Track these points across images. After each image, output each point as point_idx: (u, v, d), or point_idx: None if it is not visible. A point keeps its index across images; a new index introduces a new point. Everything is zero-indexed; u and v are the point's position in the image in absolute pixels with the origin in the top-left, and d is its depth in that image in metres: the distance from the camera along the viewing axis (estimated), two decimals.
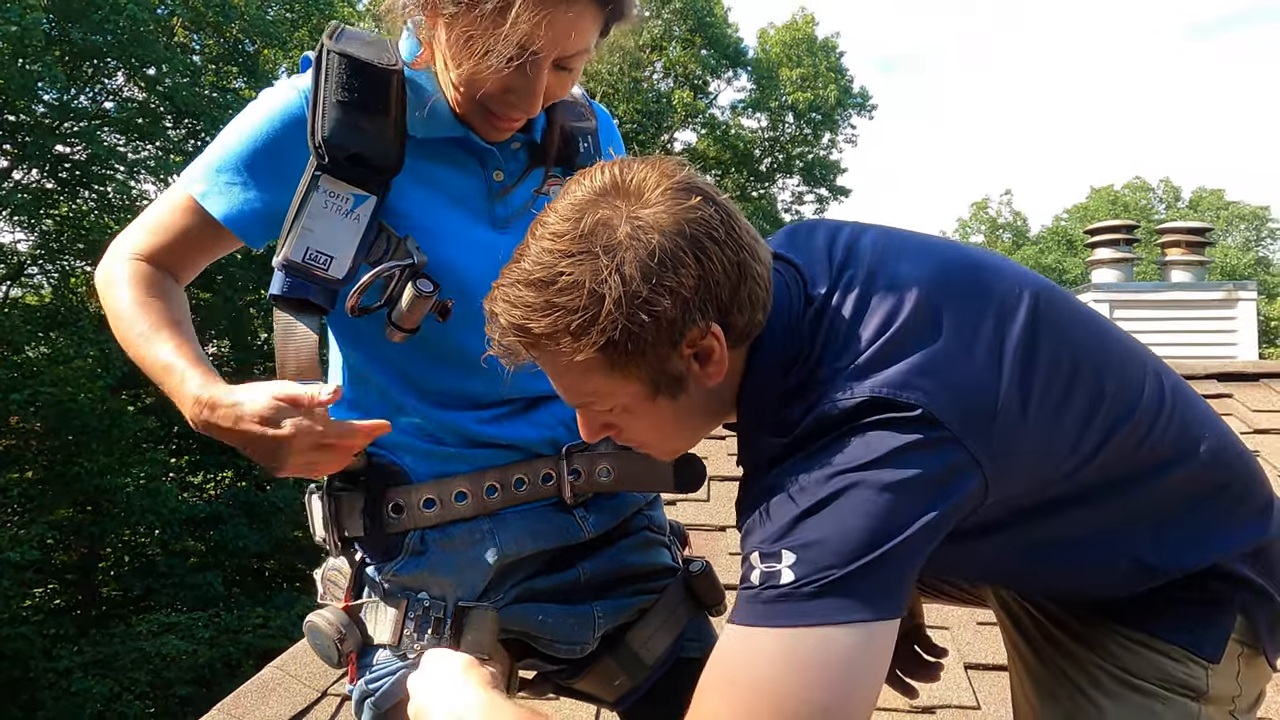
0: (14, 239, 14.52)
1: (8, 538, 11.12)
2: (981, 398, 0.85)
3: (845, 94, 25.42)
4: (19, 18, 10.80)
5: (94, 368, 12.64)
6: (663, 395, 0.89)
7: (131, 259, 1.10)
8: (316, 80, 1.03)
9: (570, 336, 0.83)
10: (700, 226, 0.83)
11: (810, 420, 0.84)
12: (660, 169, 0.87)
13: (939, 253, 0.97)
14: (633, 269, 0.81)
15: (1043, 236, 36.61)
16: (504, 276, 0.88)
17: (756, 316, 0.88)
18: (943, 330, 0.87)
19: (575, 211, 0.84)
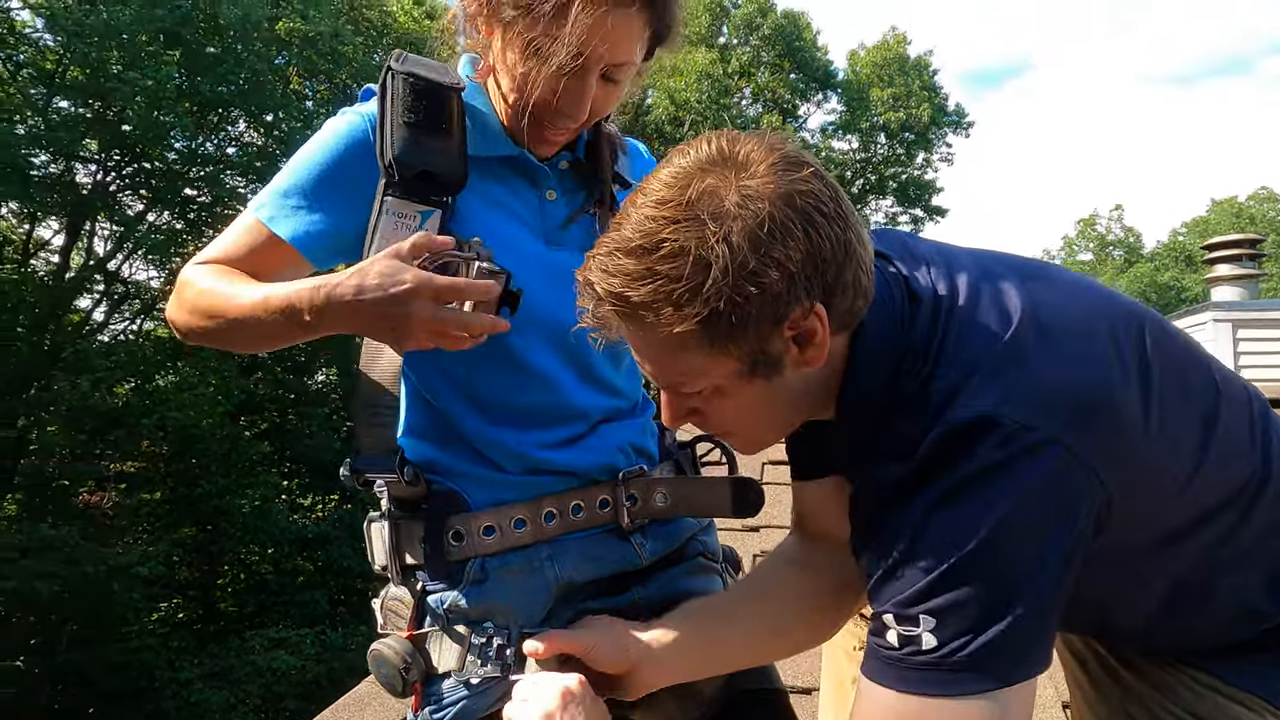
0: (148, 276, 15.72)
1: (138, 554, 11.90)
2: (1103, 407, 0.81)
3: (939, 112, 24.84)
4: (155, 73, 11.77)
5: (215, 395, 13.49)
6: (759, 376, 0.85)
7: (198, 263, 1.13)
8: (383, 103, 1.08)
9: (671, 306, 0.79)
10: (809, 200, 0.80)
11: (931, 445, 0.81)
12: (768, 141, 0.83)
13: (1038, 269, 0.95)
14: (740, 238, 0.77)
15: (1158, 253, 34.61)
16: (600, 245, 0.84)
17: (859, 302, 0.85)
18: (1059, 343, 0.83)
19: (680, 179, 0.81)
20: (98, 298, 14.89)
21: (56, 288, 13.25)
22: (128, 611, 11.65)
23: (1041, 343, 0.83)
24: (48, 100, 12.91)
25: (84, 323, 14.43)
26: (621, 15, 1.01)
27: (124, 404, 12.89)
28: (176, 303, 1.12)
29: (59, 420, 12.70)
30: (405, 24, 17.26)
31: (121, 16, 11.58)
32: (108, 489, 13.62)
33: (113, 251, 14.61)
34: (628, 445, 1.20)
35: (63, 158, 13.02)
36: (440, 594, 1.10)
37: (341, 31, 14.49)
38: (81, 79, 12.27)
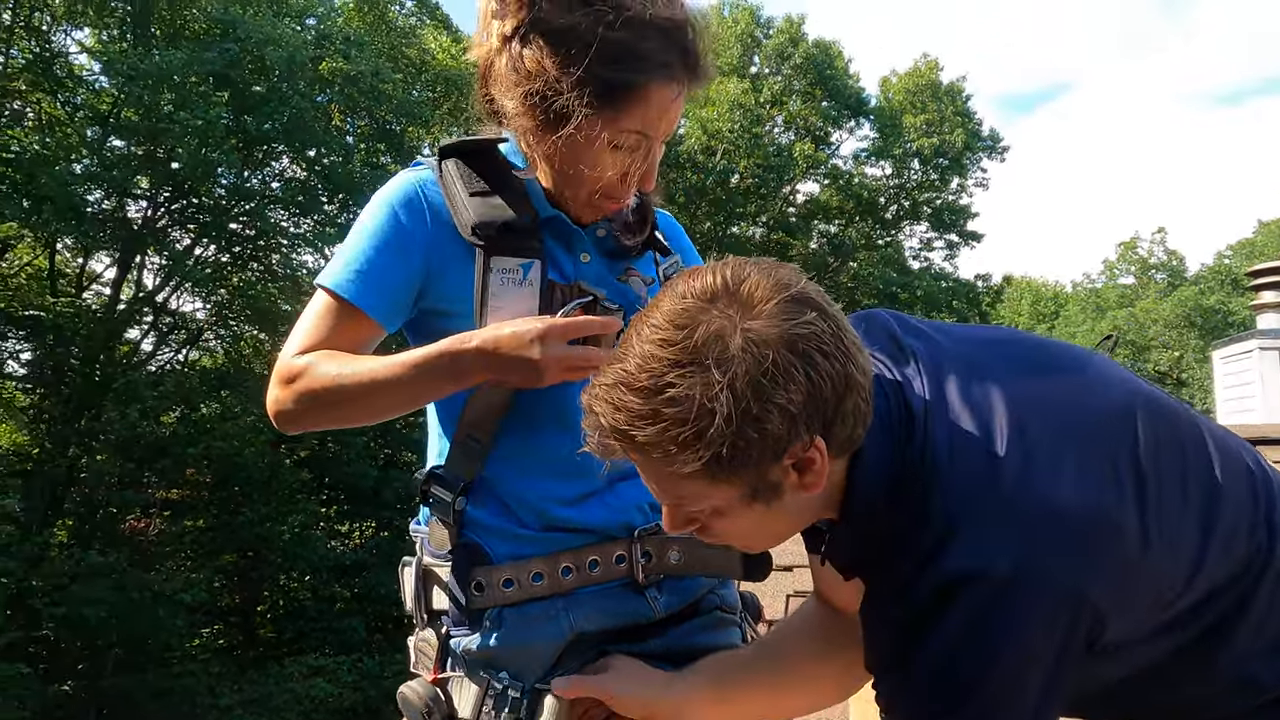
0: (194, 308, 16.19)
1: (182, 580, 12.13)
2: (1098, 535, 0.83)
3: (973, 137, 24.71)
4: (205, 114, 12.21)
5: (256, 423, 13.77)
6: (759, 502, 0.88)
7: (298, 355, 1.15)
8: (446, 186, 1.17)
9: (676, 447, 0.82)
10: (811, 342, 0.81)
11: (924, 591, 0.85)
12: (774, 279, 0.85)
13: (1028, 357, 0.97)
14: (744, 385, 0.79)
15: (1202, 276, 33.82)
16: (606, 374, 0.87)
17: (858, 430, 0.87)
18: (1047, 468, 0.85)
19: (686, 318, 0.83)
20: (146, 329, 15.35)
21: (108, 319, 13.70)
22: (171, 638, 11.86)
23: (1030, 473, 0.85)
24: (102, 140, 13.45)
25: (133, 353, 14.87)
26: (680, 94, 1.11)
27: (170, 433, 13.22)
28: (287, 393, 1.13)
29: (108, 449, 13.05)
30: (443, 60, 17.70)
31: (174, 60, 12.07)
32: (153, 516, 13.93)
33: (161, 284, 15.09)
34: (645, 503, 1.23)
35: (115, 194, 13.52)
36: (460, 639, 1.16)
37: (382, 70, 14.92)
38: (135, 119, 12.78)
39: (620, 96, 1.07)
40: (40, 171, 11.68)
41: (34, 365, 13.64)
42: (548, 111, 1.09)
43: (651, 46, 1.08)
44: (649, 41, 1.08)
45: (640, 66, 1.07)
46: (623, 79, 1.07)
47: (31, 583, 11.29)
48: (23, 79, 12.67)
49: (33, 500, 12.43)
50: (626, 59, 1.07)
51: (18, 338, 13.52)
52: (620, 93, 1.07)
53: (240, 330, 16.38)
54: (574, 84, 1.06)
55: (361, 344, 1.17)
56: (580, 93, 1.06)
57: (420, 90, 17.18)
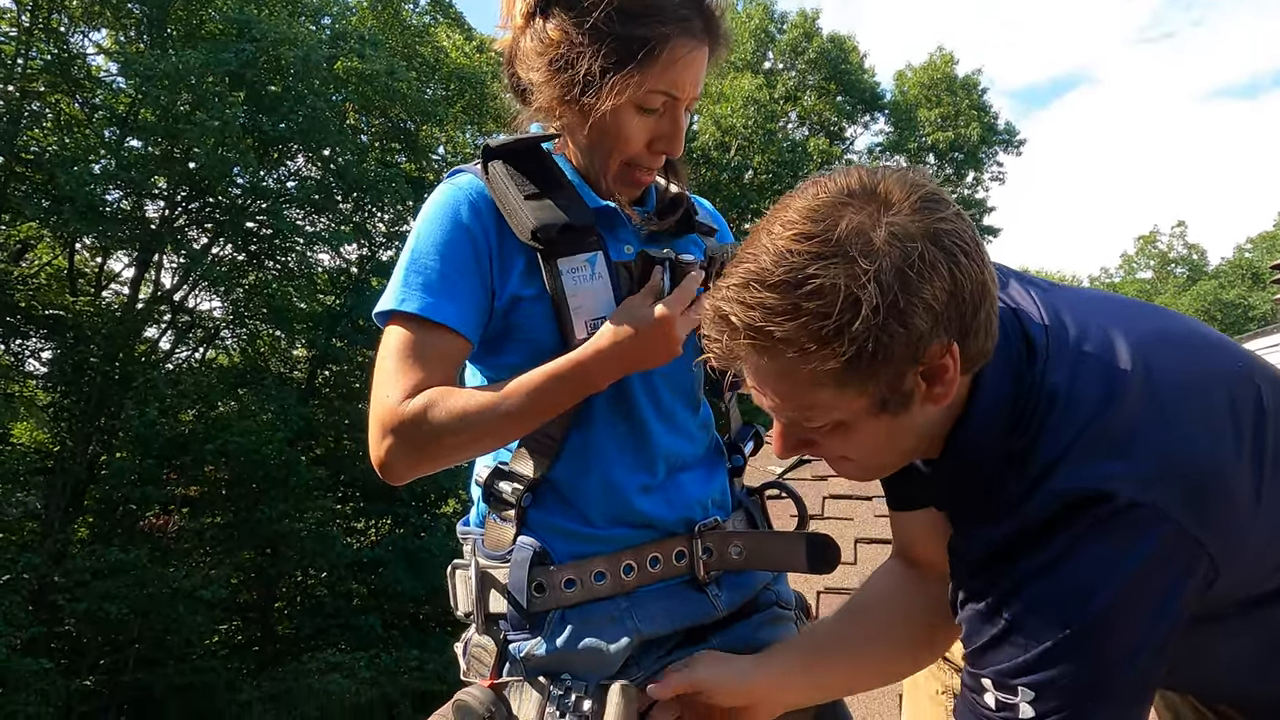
0: (211, 306, 16.30)
1: (201, 577, 12.22)
2: (1215, 484, 0.80)
3: (989, 131, 24.52)
4: (221, 114, 12.28)
5: (274, 421, 13.85)
6: (886, 413, 0.84)
7: (407, 399, 1.07)
8: (494, 189, 1.15)
9: (816, 342, 0.77)
10: (954, 239, 0.79)
11: (1035, 509, 0.81)
12: (910, 178, 0.82)
13: (1155, 318, 0.93)
14: (891, 277, 0.75)
15: (1223, 270, 33.43)
16: (733, 274, 0.81)
17: (988, 344, 0.84)
18: (1171, 406, 0.82)
19: (824, 212, 0.78)
20: (164, 327, 15.47)
21: (126, 318, 13.80)
22: (191, 633, 11.95)
23: (1153, 409, 0.81)
24: (120, 140, 13.55)
25: (151, 351, 14.98)
26: (700, 48, 1.11)
27: (189, 431, 13.32)
28: (403, 443, 1.07)
29: (128, 447, 13.16)
30: (457, 59, 17.72)
31: (190, 60, 12.13)
32: (172, 513, 14.05)
33: (179, 283, 15.19)
34: (706, 498, 1.23)
35: (133, 194, 13.62)
36: (521, 643, 1.13)
37: (396, 68, 14.94)
38: (152, 120, 12.87)
39: (642, 53, 1.07)
40: (59, 172, 11.77)
41: (54, 364, 13.77)
42: (572, 77, 1.09)
43: (669, 2, 1.09)
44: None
45: (660, 20, 1.08)
46: (642, 35, 1.07)
47: (53, 579, 11.41)
48: (42, 80, 12.78)
49: (54, 497, 12.56)
50: (645, 15, 1.08)
51: (38, 336, 13.65)
52: (641, 49, 1.07)
53: (257, 329, 16.47)
54: (595, 45, 1.07)
55: (457, 365, 1.13)
56: (602, 52, 1.07)
57: (434, 88, 17.20)
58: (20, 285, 13.29)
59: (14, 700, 9.89)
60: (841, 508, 3.12)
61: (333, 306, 16.61)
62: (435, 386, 1.08)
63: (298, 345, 17.27)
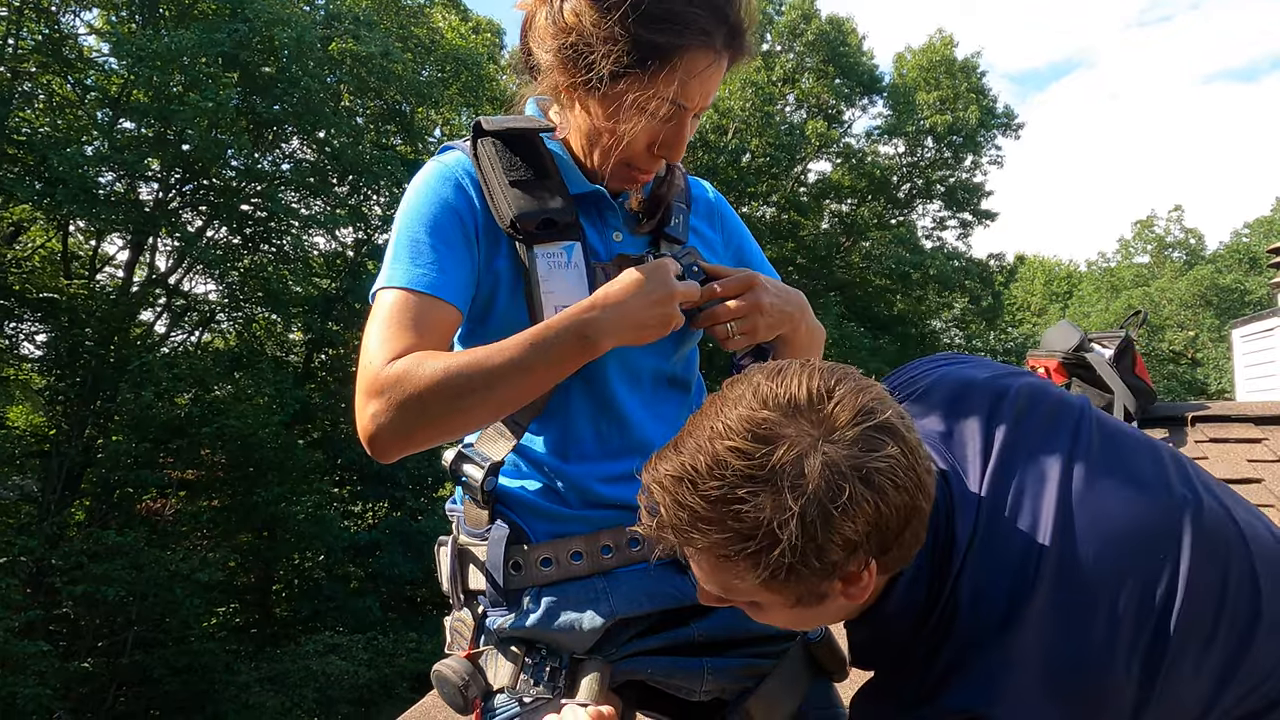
0: (206, 290, 16.24)
1: (198, 560, 12.26)
2: (1094, 699, 0.85)
3: (988, 114, 24.41)
4: (214, 95, 12.18)
5: (270, 405, 13.85)
6: (800, 606, 0.90)
7: (393, 362, 1.03)
8: (481, 170, 1.13)
9: (737, 556, 0.82)
10: (887, 476, 0.81)
11: (926, 715, 0.88)
12: (860, 402, 0.83)
13: (1101, 463, 0.95)
14: (814, 515, 0.79)
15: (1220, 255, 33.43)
16: (669, 461, 0.85)
17: (910, 552, 0.88)
18: (1068, 615, 0.86)
19: (766, 430, 0.81)
20: (159, 311, 15.42)
21: (121, 302, 13.75)
22: (189, 616, 12.00)
23: (1050, 629, 0.86)
24: (113, 122, 13.44)
25: (146, 335, 14.94)
26: (719, 62, 1.07)
27: (185, 414, 13.31)
28: (387, 405, 1.01)
29: (124, 430, 13.16)
30: (453, 40, 17.57)
31: (183, 41, 12.01)
32: (169, 496, 14.07)
33: (173, 266, 15.13)
34: None
35: (127, 176, 13.53)
36: (497, 619, 1.15)
37: (391, 50, 14.82)
38: (145, 101, 12.75)
39: (654, 60, 1.03)
40: (52, 154, 11.68)
41: (49, 347, 13.73)
42: (580, 67, 1.05)
43: (695, 12, 1.03)
44: (694, 7, 1.03)
45: (680, 31, 1.03)
46: (659, 42, 1.03)
47: (50, 561, 11.44)
48: (33, 60, 12.65)
49: (50, 481, 12.56)
50: (667, 21, 1.02)
51: (33, 319, 13.61)
52: (655, 56, 1.03)
53: (252, 312, 16.42)
54: (609, 41, 1.02)
55: (447, 336, 1.10)
56: (614, 51, 1.02)
57: (430, 70, 17.07)
58: (14, 268, 13.24)
59: (12, 682, 9.93)
60: None
61: (328, 290, 16.56)
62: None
63: (294, 329, 17.23)
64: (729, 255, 1.34)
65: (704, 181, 1.38)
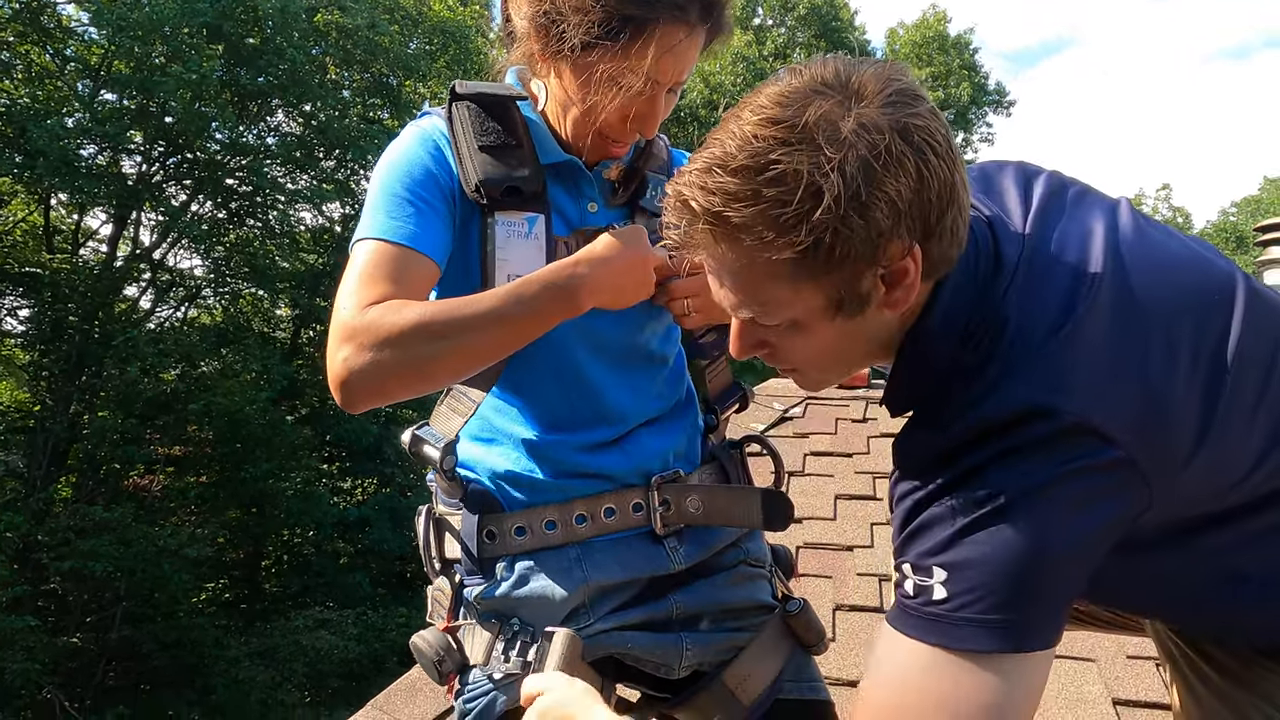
0: (191, 265, 16.07)
1: (186, 536, 12.24)
2: (1161, 414, 0.80)
3: (980, 91, 24.34)
4: (198, 67, 11.97)
5: (258, 381, 13.77)
6: (841, 314, 0.83)
7: (367, 308, 1.01)
8: (454, 133, 1.13)
9: (774, 230, 0.76)
10: (925, 135, 0.77)
11: (972, 422, 0.81)
12: (886, 72, 0.80)
13: (1149, 235, 0.90)
14: (855, 167, 0.73)
15: (1207, 233, 33.63)
16: (696, 160, 0.80)
17: (953, 250, 0.82)
18: (1127, 333, 0.81)
19: (794, 99, 0.77)
20: (144, 286, 15.26)
21: (105, 276, 13.60)
22: (178, 591, 12.00)
23: (1109, 335, 0.81)
24: (94, 93, 13.21)
25: (131, 310, 14.80)
26: (692, 36, 1.05)
27: (171, 390, 13.23)
28: (358, 351, 0.98)
29: (110, 406, 13.07)
30: (440, 11, 17.31)
31: (164, 10, 11.78)
32: (157, 472, 14.01)
33: (158, 241, 14.95)
34: (668, 450, 1.22)
35: (109, 149, 13.33)
36: (473, 588, 1.15)
37: (378, 22, 14.59)
38: (126, 72, 12.53)
39: (626, 31, 1.02)
40: (31, 125, 11.46)
41: (32, 322, 13.58)
42: (552, 35, 1.04)
43: None
44: None
45: (653, 3, 1.02)
46: (632, 13, 1.01)
47: (37, 537, 11.39)
48: (10, 30, 12.39)
49: (36, 456, 12.48)
50: None
51: (15, 295, 13.44)
52: (626, 27, 1.02)
53: (239, 288, 16.27)
54: (581, 11, 1.01)
55: (425, 290, 1.07)
56: (586, 20, 1.01)
57: (417, 43, 16.83)
58: None
59: (1, 658, 9.93)
60: (822, 464, 3.14)
61: (315, 265, 16.42)
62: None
63: (281, 304, 17.10)
64: None
65: (688, 154, 1.37)
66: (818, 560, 2.60)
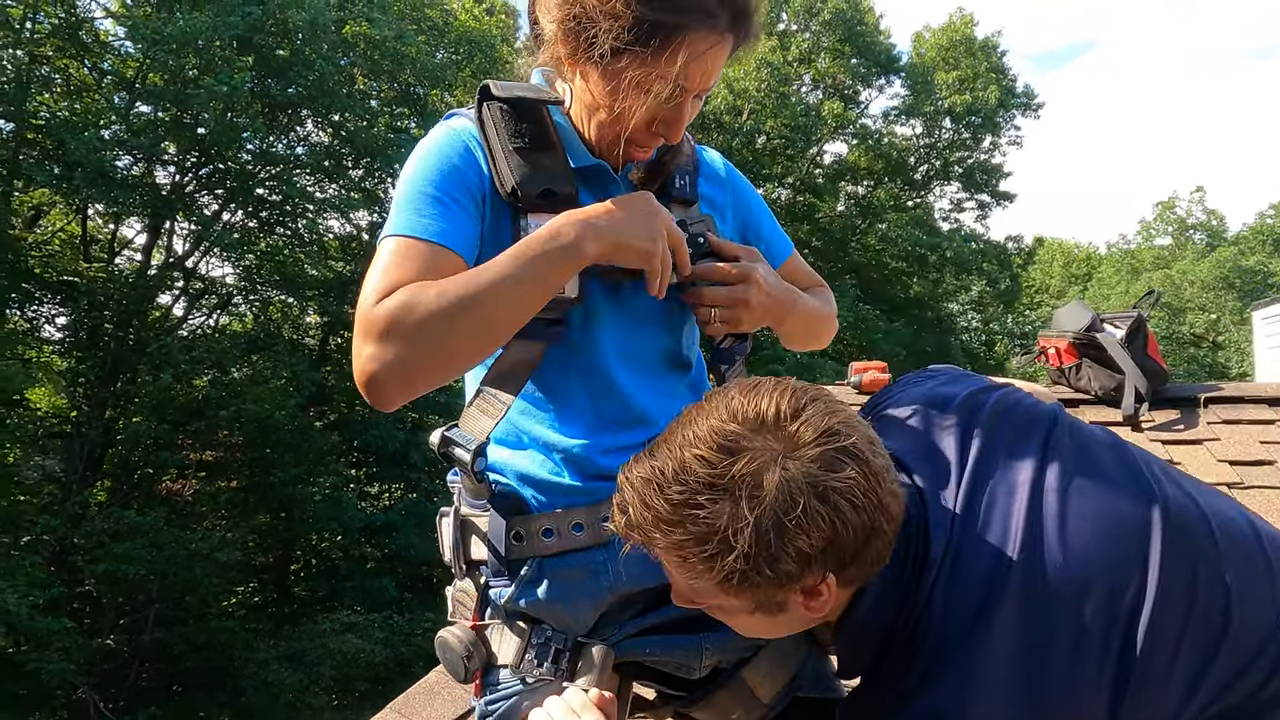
0: (223, 273, 16.35)
1: (217, 539, 12.43)
2: (1064, 699, 0.86)
3: (1008, 94, 24.08)
4: (229, 79, 12.20)
5: (287, 387, 13.97)
6: (761, 612, 0.93)
7: (382, 300, 1.01)
8: (486, 134, 1.13)
9: (695, 557, 0.87)
10: (844, 495, 0.84)
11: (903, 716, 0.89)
12: (826, 424, 0.86)
13: (1059, 499, 0.95)
14: (769, 525, 0.83)
15: (1243, 236, 32.89)
16: (642, 464, 0.90)
17: (872, 569, 0.91)
18: (1035, 624, 0.87)
19: (730, 442, 0.85)
20: (177, 294, 15.55)
21: (139, 285, 13.88)
22: (208, 594, 12.19)
23: (1018, 633, 0.87)
24: (129, 105, 13.51)
25: (165, 318, 15.09)
26: (721, 44, 1.06)
27: (203, 396, 13.45)
28: (382, 342, 0.98)
29: (144, 412, 13.32)
30: (466, 21, 17.49)
31: (197, 24, 12.03)
32: (188, 477, 14.25)
33: (190, 250, 15.23)
34: None
35: (144, 160, 13.61)
36: (500, 589, 1.16)
37: (405, 33, 14.78)
38: (160, 85, 12.80)
39: (656, 38, 1.02)
40: (69, 137, 11.76)
41: (70, 330, 13.90)
42: (582, 40, 1.05)
43: None
44: None
45: (683, 11, 1.02)
46: (662, 20, 1.02)
47: (73, 540, 11.63)
48: (50, 44, 12.72)
49: (72, 461, 12.75)
50: (669, 1, 1.02)
51: (53, 302, 13.76)
52: (656, 34, 1.02)
53: (268, 295, 16.53)
54: (612, 16, 1.02)
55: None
56: (616, 26, 1.02)
57: (443, 53, 17.02)
58: (34, 251, 13.37)
59: (37, 658, 10.15)
60: None
61: (343, 273, 16.63)
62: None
63: (309, 312, 17.33)
64: (735, 221, 1.34)
65: (715, 153, 1.37)
66: None
